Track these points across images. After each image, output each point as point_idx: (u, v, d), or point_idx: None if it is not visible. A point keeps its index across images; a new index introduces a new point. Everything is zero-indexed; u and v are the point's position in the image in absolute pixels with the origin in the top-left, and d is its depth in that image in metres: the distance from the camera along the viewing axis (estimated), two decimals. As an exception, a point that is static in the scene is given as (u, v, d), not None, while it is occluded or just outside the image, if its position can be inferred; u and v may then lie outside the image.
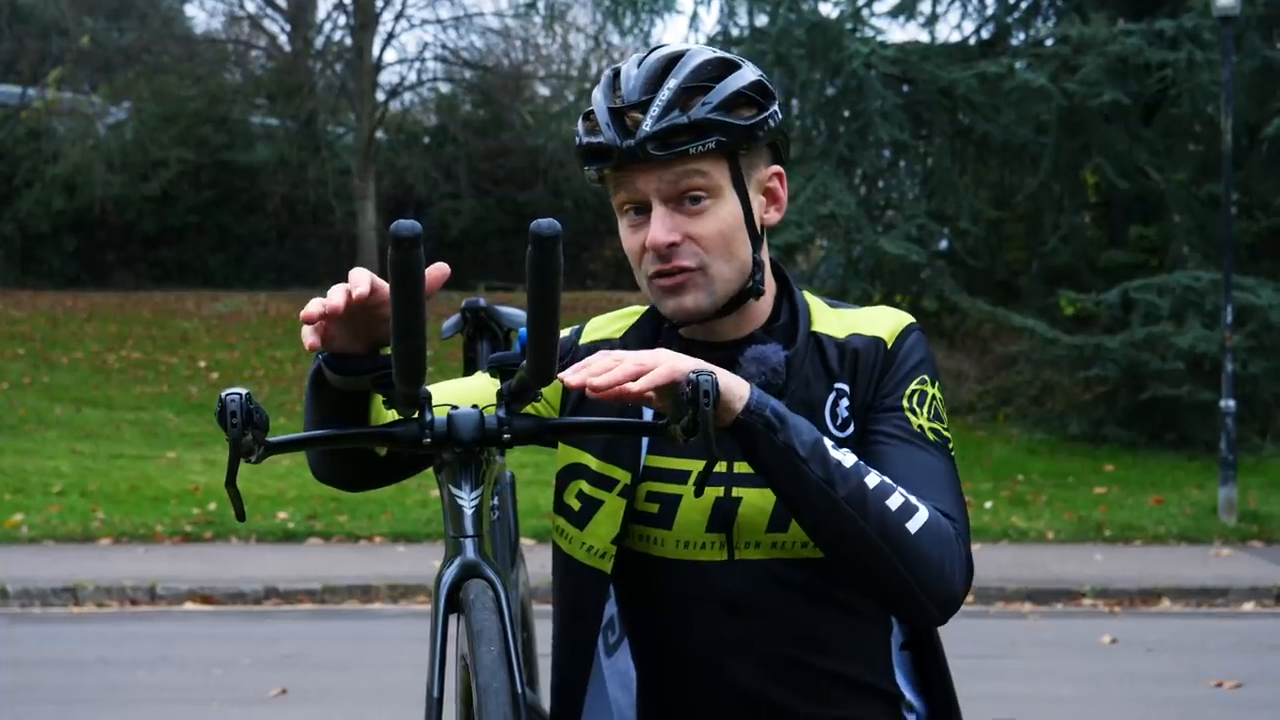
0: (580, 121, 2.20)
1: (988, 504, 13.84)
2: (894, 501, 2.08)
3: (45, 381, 19.93)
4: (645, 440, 2.25)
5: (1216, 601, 10.80)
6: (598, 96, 2.18)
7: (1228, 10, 13.93)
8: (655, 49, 2.22)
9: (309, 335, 1.98)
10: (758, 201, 2.23)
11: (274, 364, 21.60)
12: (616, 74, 2.20)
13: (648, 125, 2.12)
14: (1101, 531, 13.00)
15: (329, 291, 1.96)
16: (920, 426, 2.20)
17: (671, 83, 2.14)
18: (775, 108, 2.20)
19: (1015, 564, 11.39)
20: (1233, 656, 8.92)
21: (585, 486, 2.26)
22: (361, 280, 1.96)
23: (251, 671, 8.21)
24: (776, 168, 2.26)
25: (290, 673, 8.12)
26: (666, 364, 1.99)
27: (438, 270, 1.98)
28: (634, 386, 1.97)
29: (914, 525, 2.08)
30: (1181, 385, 16.49)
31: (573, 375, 1.98)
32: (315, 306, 1.97)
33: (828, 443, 2.07)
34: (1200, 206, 18.20)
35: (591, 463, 2.26)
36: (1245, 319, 16.22)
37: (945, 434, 2.22)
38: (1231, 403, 13.66)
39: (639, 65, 2.18)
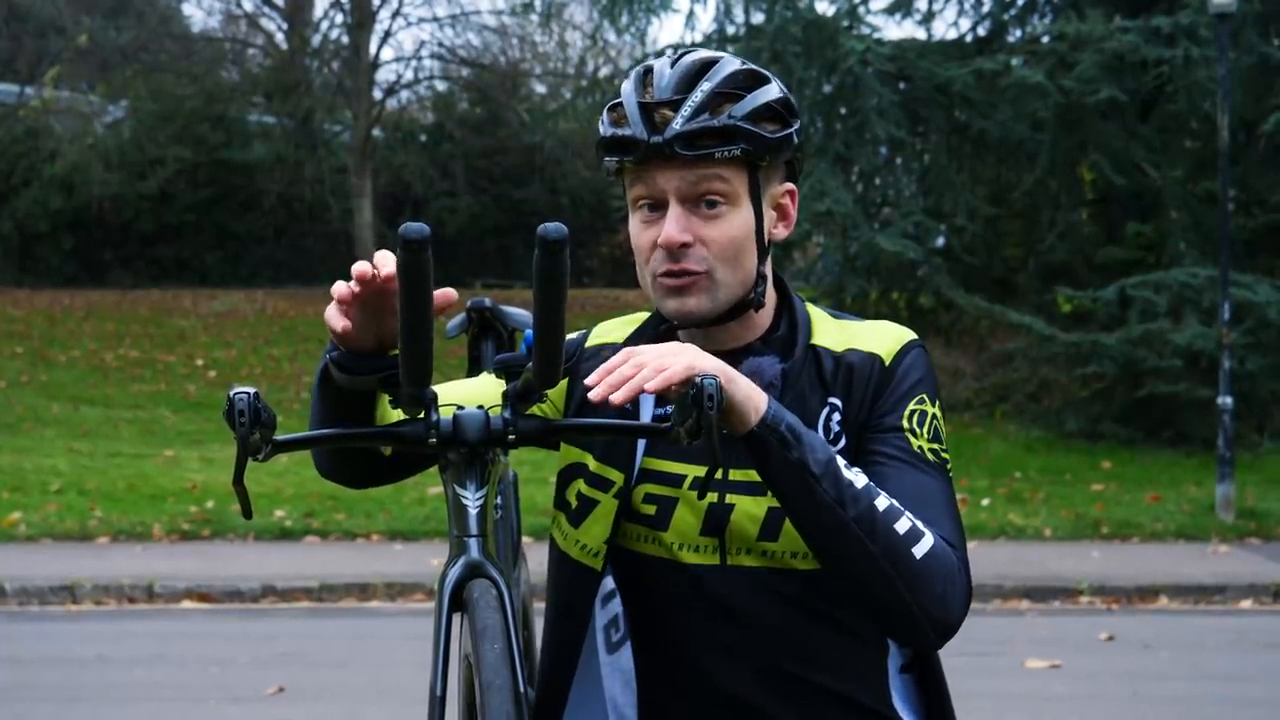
0: (605, 113, 2.22)
1: (985, 501, 13.84)
2: (902, 526, 2.09)
3: (43, 380, 19.92)
4: (642, 442, 2.26)
5: (1214, 599, 10.80)
6: (628, 90, 2.20)
7: (1224, 7, 13.93)
8: (687, 51, 2.24)
9: (338, 319, 2.00)
10: (769, 215, 2.25)
11: (271, 362, 21.60)
12: (648, 71, 2.22)
13: (678, 123, 2.14)
14: (1099, 529, 13.01)
15: (353, 269, 1.98)
16: (920, 448, 2.20)
17: (705, 85, 2.16)
18: (798, 126, 2.23)
19: (1012, 561, 11.39)
20: (1230, 654, 8.94)
21: (583, 486, 2.28)
22: (387, 262, 1.98)
23: (249, 669, 8.21)
24: (790, 185, 2.28)
25: (288, 671, 8.12)
26: (684, 361, 2.01)
27: (443, 296, 2.00)
28: (651, 385, 1.98)
29: (920, 550, 2.09)
30: (1179, 382, 16.50)
31: (596, 392, 2.00)
32: (343, 286, 1.99)
33: (840, 461, 2.08)
34: (1197, 203, 18.21)
35: (591, 463, 2.28)
36: (1243, 316, 16.23)
37: (944, 455, 2.23)
38: (1229, 399, 13.66)
39: (672, 65, 2.20)
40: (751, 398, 2.04)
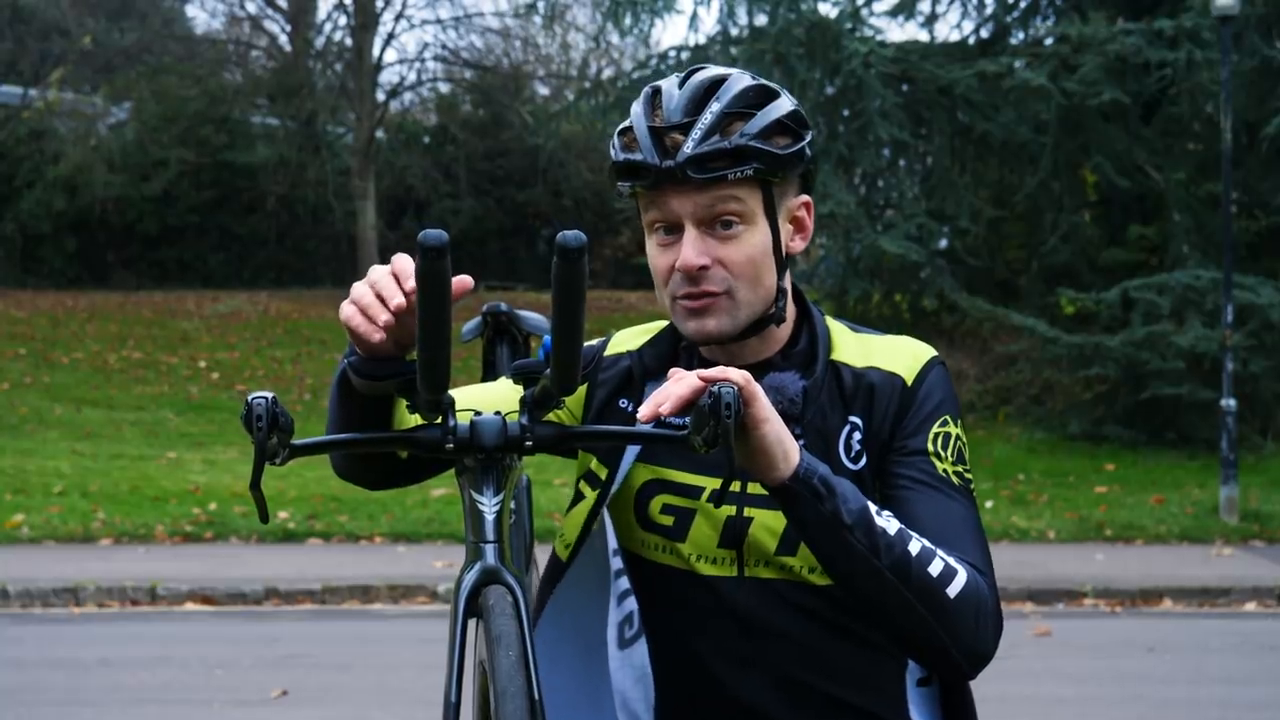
0: (615, 137, 2.20)
1: (988, 504, 13.84)
2: (935, 568, 2.09)
3: (46, 381, 19.93)
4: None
5: (1218, 601, 10.80)
6: (637, 113, 2.18)
7: (1227, 9, 13.95)
8: (695, 70, 2.22)
9: (375, 333, 1.99)
10: (786, 230, 2.24)
11: (274, 364, 21.61)
12: (656, 92, 2.20)
13: (689, 147, 2.12)
14: (1102, 531, 13.01)
15: (377, 282, 1.98)
16: (945, 471, 2.21)
17: (715, 106, 2.14)
18: (810, 138, 2.21)
19: (1016, 564, 11.38)
20: (1234, 656, 8.94)
21: (584, 485, 2.31)
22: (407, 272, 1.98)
23: (253, 672, 8.21)
24: (805, 197, 2.27)
25: (292, 673, 8.12)
26: (742, 373, 1.99)
27: (460, 282, 1.99)
28: (701, 376, 1.97)
29: (954, 590, 2.10)
30: (1182, 384, 16.50)
31: (645, 410, 1.98)
32: (381, 312, 1.97)
33: (872, 509, 2.08)
34: (1200, 205, 18.21)
35: (593, 463, 2.31)
36: (1245, 318, 16.24)
37: (968, 475, 2.24)
38: (1232, 402, 13.67)
39: (680, 86, 2.18)
40: (783, 441, 2.03)
